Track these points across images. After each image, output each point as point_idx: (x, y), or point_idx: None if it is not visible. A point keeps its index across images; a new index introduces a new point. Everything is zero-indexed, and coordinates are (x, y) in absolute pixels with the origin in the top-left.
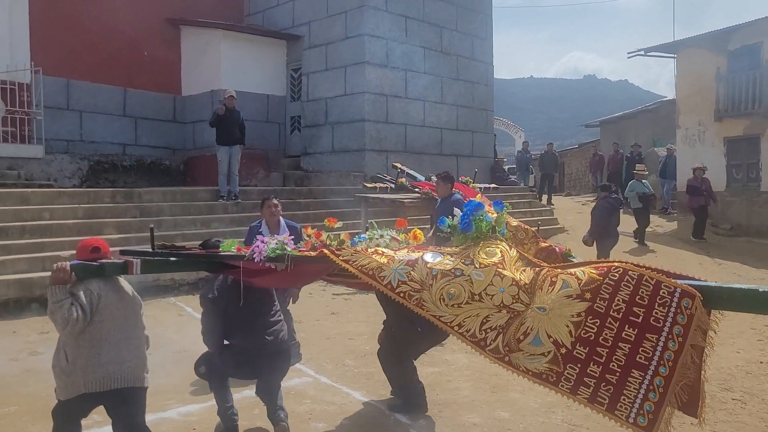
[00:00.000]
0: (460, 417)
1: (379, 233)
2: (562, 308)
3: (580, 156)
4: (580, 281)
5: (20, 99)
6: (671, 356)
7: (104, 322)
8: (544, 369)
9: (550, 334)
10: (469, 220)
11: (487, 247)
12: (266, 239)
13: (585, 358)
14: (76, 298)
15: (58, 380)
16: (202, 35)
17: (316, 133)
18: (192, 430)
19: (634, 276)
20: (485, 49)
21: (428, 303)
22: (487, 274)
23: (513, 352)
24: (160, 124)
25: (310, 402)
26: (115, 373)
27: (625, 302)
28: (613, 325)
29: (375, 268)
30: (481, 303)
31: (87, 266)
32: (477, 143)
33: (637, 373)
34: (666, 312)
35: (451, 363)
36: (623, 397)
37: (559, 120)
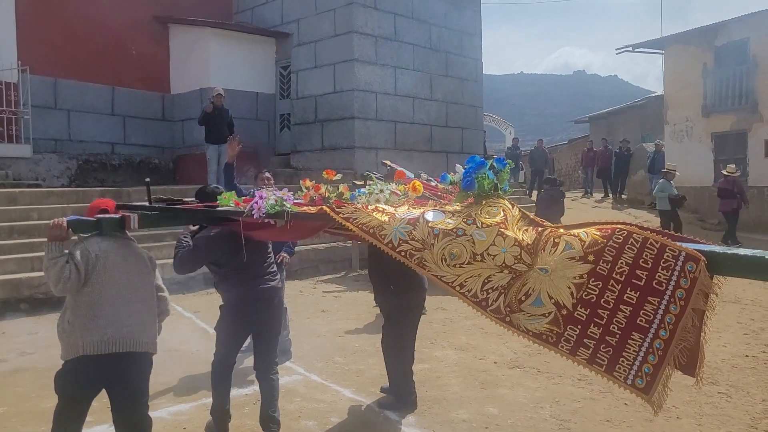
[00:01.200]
0: (449, 413)
1: (379, 188)
2: (565, 270)
3: (570, 152)
4: (583, 243)
5: (7, 98)
6: (672, 319)
7: (104, 284)
8: (545, 329)
9: (552, 295)
10: (471, 177)
11: (489, 206)
12: (265, 195)
13: (586, 320)
14: (72, 257)
15: (61, 342)
16: (191, 33)
17: (305, 131)
18: (182, 429)
19: (638, 239)
20: (474, 45)
21: (430, 263)
22: (490, 234)
23: (514, 313)
24: (148, 123)
25: (300, 400)
26: (113, 336)
27: (629, 265)
28: (615, 288)
29: (376, 226)
30: (483, 263)
31: (84, 221)
32: (467, 139)
33: (637, 336)
34: (669, 275)
35: (441, 359)
36: (622, 359)
37: (550, 116)
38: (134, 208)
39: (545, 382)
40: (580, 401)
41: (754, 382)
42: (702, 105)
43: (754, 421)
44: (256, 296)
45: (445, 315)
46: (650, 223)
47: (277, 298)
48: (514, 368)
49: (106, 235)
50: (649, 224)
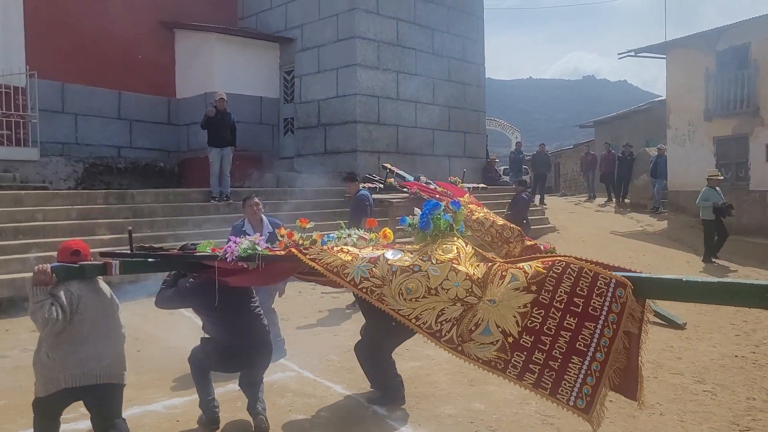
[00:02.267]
0: (436, 408)
1: (347, 232)
2: (510, 300)
3: (575, 156)
4: (527, 275)
5: (15, 102)
6: (607, 342)
7: (84, 322)
8: (493, 357)
9: (499, 324)
10: (427, 219)
11: (444, 244)
12: (238, 240)
13: (531, 346)
14: (57, 299)
15: (39, 376)
16: (196, 38)
17: (309, 135)
18: (176, 421)
19: (575, 269)
20: (476, 50)
21: (388, 297)
22: (443, 269)
23: (465, 342)
24: (154, 127)
25: (291, 395)
26: (93, 369)
27: (567, 293)
28: (556, 315)
29: (339, 265)
30: (437, 297)
31: (68, 268)
32: (469, 144)
33: (576, 359)
34: (603, 301)
35: (432, 358)
36: (564, 381)
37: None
38: (116, 256)
39: None
40: None
41: (741, 381)
42: (704, 109)
43: (737, 418)
44: (243, 347)
45: None
46: (653, 228)
47: (265, 345)
48: None
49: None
50: (652, 228)
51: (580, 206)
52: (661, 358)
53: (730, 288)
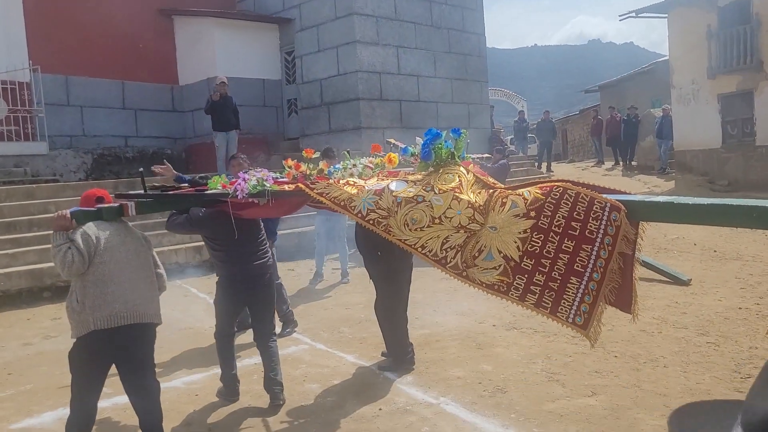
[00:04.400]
0: (445, 372)
1: (352, 162)
2: (511, 226)
3: (581, 122)
4: (526, 201)
5: (21, 98)
6: (602, 263)
7: (107, 264)
8: (496, 281)
9: (501, 249)
10: (429, 149)
11: (446, 173)
12: (247, 177)
13: (531, 269)
14: (73, 243)
15: (71, 320)
16: (195, 24)
17: (313, 115)
18: (195, 395)
19: (572, 194)
20: (476, 20)
21: (394, 228)
22: (446, 198)
23: (469, 268)
24: (159, 115)
25: (305, 366)
26: (121, 311)
27: (565, 218)
28: (554, 239)
29: (346, 199)
30: (441, 225)
31: (86, 212)
32: (473, 115)
33: (575, 280)
34: (598, 225)
35: (442, 325)
36: (563, 301)
37: (566, 87)
38: (131, 197)
39: (540, 341)
40: (572, 356)
41: (744, 332)
42: (707, 67)
43: (738, 367)
44: (248, 274)
45: (449, 285)
46: (660, 189)
47: (268, 275)
48: (512, 329)
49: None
50: (660, 189)
51: (588, 171)
52: (665, 314)
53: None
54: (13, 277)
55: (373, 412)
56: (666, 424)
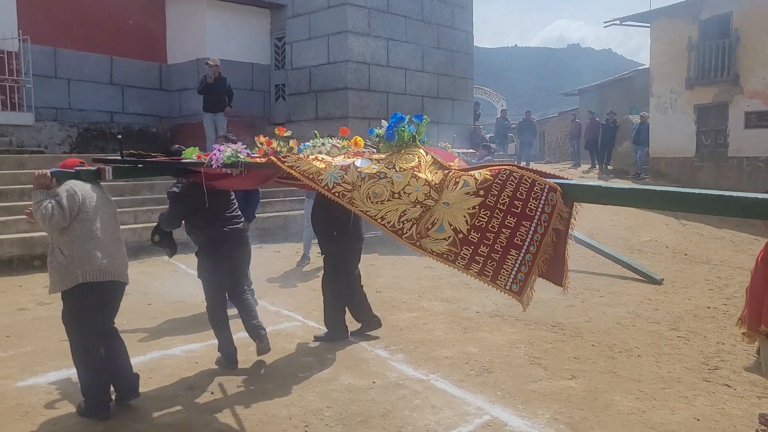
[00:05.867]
0: (433, 352)
1: (321, 141)
2: (461, 203)
3: (559, 124)
4: (477, 181)
5: (9, 67)
6: (539, 238)
7: (92, 221)
8: (445, 250)
9: (451, 223)
10: (393, 131)
11: (407, 154)
12: (222, 148)
13: (477, 242)
14: (57, 197)
15: (56, 274)
16: (186, 4)
17: (300, 101)
18: (195, 363)
19: (516, 176)
20: (465, 17)
21: (357, 201)
22: (406, 176)
23: (423, 238)
24: (146, 92)
25: (299, 341)
26: (108, 266)
27: (509, 197)
28: (498, 215)
29: (314, 172)
30: (399, 200)
31: (65, 172)
32: (457, 111)
33: (514, 252)
34: (537, 204)
35: (428, 309)
36: (503, 270)
37: (543, 89)
38: (108, 162)
39: (522, 328)
40: (552, 343)
41: (712, 329)
42: (686, 77)
43: (707, 359)
44: (224, 236)
45: (433, 273)
46: None
47: (243, 238)
48: (495, 317)
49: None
50: None
51: (565, 172)
52: (639, 309)
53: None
54: (5, 244)
55: (367, 385)
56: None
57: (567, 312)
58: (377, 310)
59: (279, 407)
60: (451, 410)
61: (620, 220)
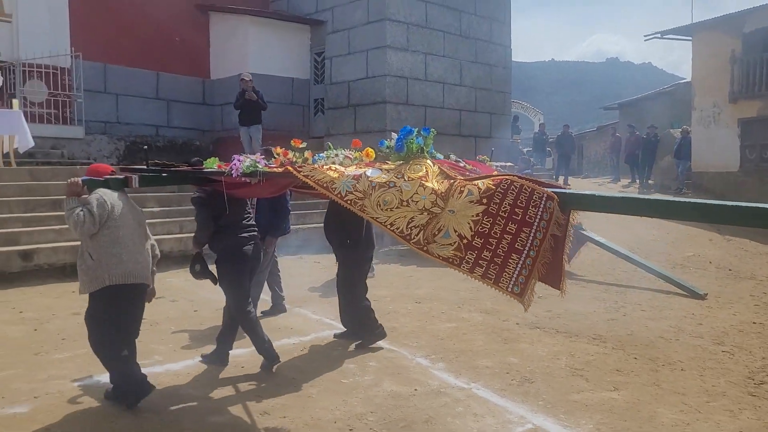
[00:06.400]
0: (474, 361)
1: (335, 152)
2: (466, 210)
3: (598, 138)
4: (480, 190)
5: (62, 83)
6: (538, 243)
7: (120, 228)
8: (451, 255)
9: (456, 229)
10: (402, 143)
11: (415, 164)
12: (242, 158)
13: (480, 247)
14: (88, 205)
15: (85, 276)
16: (230, 21)
17: (339, 115)
18: (241, 367)
19: (517, 185)
20: (503, 32)
21: (368, 208)
22: (414, 185)
23: (429, 244)
24: (190, 107)
25: (341, 349)
26: (133, 270)
27: (510, 205)
28: (500, 222)
29: (328, 181)
30: (408, 208)
31: (95, 181)
32: (495, 124)
33: (515, 257)
34: (536, 211)
35: (467, 320)
36: (505, 273)
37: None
38: (134, 171)
39: (562, 340)
40: (594, 355)
41: (758, 344)
42: (729, 91)
43: (752, 374)
44: (242, 243)
45: (471, 285)
46: None
47: (258, 246)
48: (535, 328)
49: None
50: None
51: (604, 187)
52: (682, 324)
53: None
54: (59, 252)
55: (409, 392)
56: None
57: (608, 325)
58: (417, 320)
59: (324, 411)
60: (494, 418)
61: (662, 235)
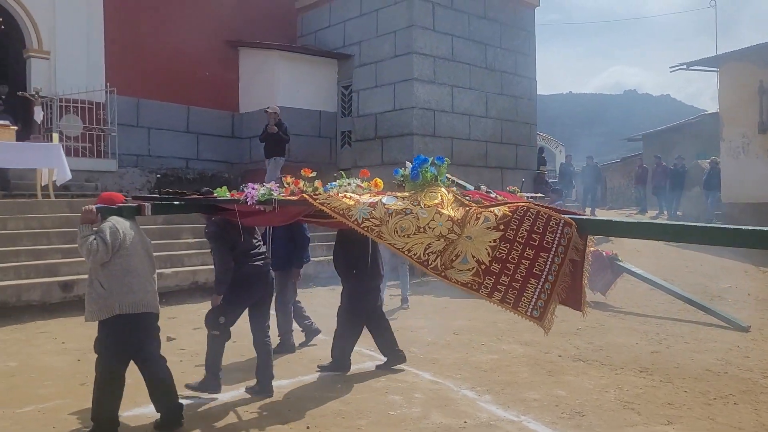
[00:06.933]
0: (521, 393)
1: (347, 181)
2: (483, 236)
3: (623, 170)
4: (496, 216)
5: (97, 117)
6: (556, 268)
7: (131, 257)
8: (469, 280)
9: (474, 255)
10: (417, 170)
11: (430, 192)
12: (256, 186)
13: (498, 272)
14: (100, 233)
15: (94, 305)
16: (259, 56)
17: (366, 147)
18: (288, 399)
19: (533, 212)
20: (528, 64)
21: (386, 234)
22: (430, 212)
23: (447, 269)
24: (219, 140)
25: (384, 380)
26: (143, 299)
27: (527, 231)
28: (518, 248)
29: (344, 208)
30: (424, 234)
31: (109, 208)
32: (521, 156)
33: (533, 281)
34: (554, 237)
35: (509, 352)
36: (523, 297)
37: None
38: (147, 199)
39: (608, 373)
40: (642, 388)
41: None
42: (758, 122)
43: None
44: (253, 273)
45: (508, 316)
46: None
47: (269, 276)
48: (578, 361)
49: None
50: None
51: (632, 219)
52: (728, 356)
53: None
54: None
55: (458, 425)
56: None
57: (653, 358)
58: (458, 352)
59: None
60: None
61: (696, 266)
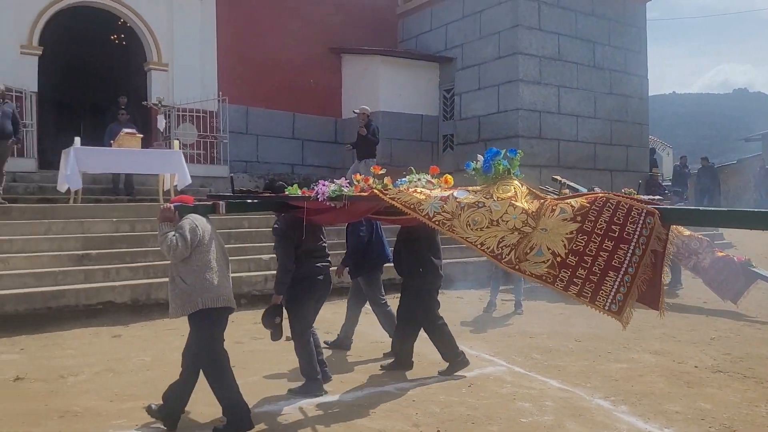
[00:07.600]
0: (660, 405)
1: (417, 177)
2: (559, 228)
3: (739, 171)
4: (573, 208)
5: (210, 125)
6: (637, 260)
7: (209, 252)
8: (544, 272)
9: (550, 247)
10: (489, 163)
11: (503, 185)
12: (327, 183)
13: (575, 265)
14: (180, 229)
15: (178, 301)
16: (362, 62)
17: (468, 151)
18: (412, 401)
19: (613, 203)
20: (639, 62)
21: (458, 228)
22: (503, 205)
23: (522, 262)
24: (323, 145)
25: (510, 386)
26: (223, 294)
27: (606, 222)
28: (596, 240)
29: (415, 203)
30: (498, 227)
31: (186, 206)
32: (632, 157)
33: (612, 274)
34: (635, 227)
35: (639, 361)
36: (601, 291)
37: (704, 137)
38: (221, 198)
39: (754, 386)
40: None
41: None
42: None
43: None
44: (317, 271)
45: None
46: None
47: (330, 276)
48: (717, 372)
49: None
50: None
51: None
52: None
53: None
54: None
55: None
56: None
57: None
58: (583, 359)
59: None
60: None
61: None
